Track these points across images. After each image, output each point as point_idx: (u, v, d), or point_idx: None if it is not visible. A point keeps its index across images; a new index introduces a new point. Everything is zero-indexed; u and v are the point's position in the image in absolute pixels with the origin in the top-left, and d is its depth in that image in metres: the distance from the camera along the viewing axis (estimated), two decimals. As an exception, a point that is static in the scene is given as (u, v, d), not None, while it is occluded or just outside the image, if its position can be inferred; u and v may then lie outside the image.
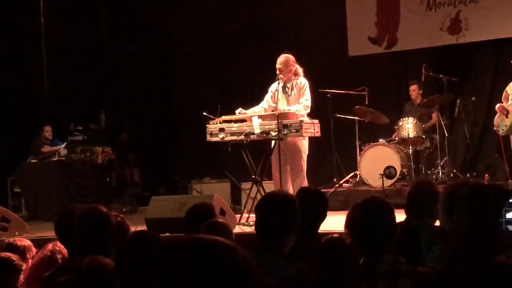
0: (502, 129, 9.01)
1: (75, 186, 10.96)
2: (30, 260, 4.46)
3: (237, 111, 8.45)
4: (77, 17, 13.15)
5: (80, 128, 12.27)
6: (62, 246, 4.14)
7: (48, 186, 10.88)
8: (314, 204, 4.31)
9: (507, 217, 2.33)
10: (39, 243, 5.35)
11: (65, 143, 11.49)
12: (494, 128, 8.96)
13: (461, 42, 11.17)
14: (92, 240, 3.69)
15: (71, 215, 4.08)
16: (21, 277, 4.14)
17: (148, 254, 3.10)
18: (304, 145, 8.30)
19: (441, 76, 10.13)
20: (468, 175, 9.92)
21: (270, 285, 2.90)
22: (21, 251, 4.45)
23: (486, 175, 9.89)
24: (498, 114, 9.01)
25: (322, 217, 4.38)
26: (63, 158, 11.14)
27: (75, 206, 4.37)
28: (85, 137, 11.99)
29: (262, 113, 8.47)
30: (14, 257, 4.21)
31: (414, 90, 10.59)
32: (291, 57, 8.45)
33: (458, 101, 10.20)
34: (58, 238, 4.34)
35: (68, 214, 4.17)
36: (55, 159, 11.13)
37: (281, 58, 8.43)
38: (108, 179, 11.95)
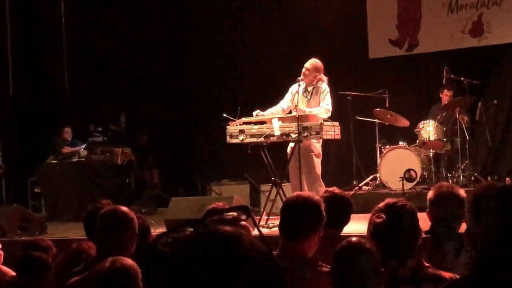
0: None
1: (94, 187, 11.01)
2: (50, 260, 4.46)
3: (254, 113, 8.44)
4: (97, 18, 13.21)
5: (100, 129, 12.31)
6: (87, 246, 4.14)
7: (68, 187, 10.93)
8: (339, 208, 4.28)
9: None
10: (59, 244, 5.37)
11: (85, 144, 11.54)
12: None
13: (483, 44, 11.08)
14: (112, 240, 3.68)
15: (99, 211, 4.09)
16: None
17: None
18: (316, 147, 8.27)
19: (462, 79, 10.04)
20: (489, 178, 9.83)
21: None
22: (44, 251, 4.46)
23: (507, 178, 9.79)
24: None
25: (346, 221, 4.36)
26: (83, 159, 11.19)
27: (102, 202, 4.36)
28: (105, 138, 12.05)
29: (280, 113, 8.45)
30: (44, 255, 4.22)
31: (447, 96, 10.28)
32: (320, 64, 8.43)
33: (479, 104, 10.11)
34: (86, 234, 4.34)
35: (97, 210, 4.17)
36: (75, 160, 11.19)
37: (311, 61, 8.42)
38: (127, 180, 11.98)
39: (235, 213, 3.47)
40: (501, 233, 2.22)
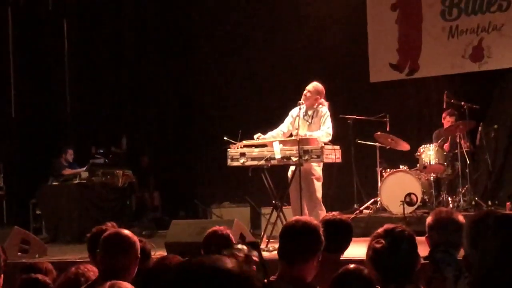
0: None
1: (95, 209, 11.01)
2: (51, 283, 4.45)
3: (255, 136, 8.47)
4: (99, 41, 13.29)
5: (102, 151, 12.34)
6: (86, 269, 4.14)
7: (69, 209, 10.94)
8: (340, 233, 4.30)
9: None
10: (59, 267, 5.36)
11: (86, 166, 11.56)
12: None
13: (483, 69, 11.13)
14: (114, 263, 3.68)
15: (102, 234, 4.09)
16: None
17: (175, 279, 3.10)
18: (316, 170, 8.28)
19: (463, 103, 10.08)
20: (489, 203, 9.83)
21: None
22: (44, 273, 4.45)
23: (508, 203, 9.80)
24: None
25: (347, 246, 4.36)
26: (84, 181, 11.21)
27: (108, 224, 4.37)
28: (106, 160, 12.07)
29: (280, 136, 8.48)
30: (46, 278, 4.22)
31: (449, 122, 10.15)
32: (322, 88, 8.47)
33: (480, 128, 10.13)
34: (90, 257, 4.34)
35: (101, 233, 4.17)
36: (76, 181, 11.20)
37: (314, 84, 8.46)
38: (128, 203, 11.99)
39: (244, 247, 3.47)
40: (499, 261, 2.23)
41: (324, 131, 8.29)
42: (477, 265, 2.32)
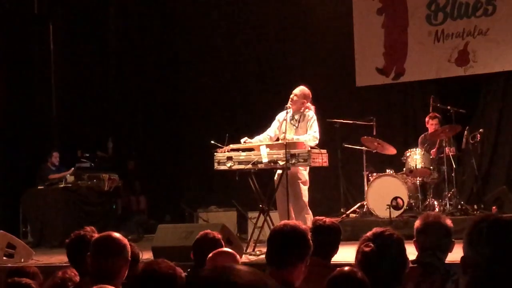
0: None
1: (81, 213, 10.97)
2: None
3: (242, 140, 8.46)
4: (85, 45, 13.24)
5: (87, 155, 12.30)
6: (73, 273, 4.12)
7: (54, 213, 10.90)
8: (328, 237, 4.30)
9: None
10: (45, 271, 5.33)
11: (72, 170, 11.52)
12: None
13: (469, 73, 11.19)
14: (105, 267, 3.66)
15: (83, 238, 4.06)
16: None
17: (164, 284, 3.09)
18: (303, 174, 8.28)
19: (448, 107, 10.12)
20: (475, 207, 9.87)
21: None
22: (30, 277, 4.42)
23: (494, 207, 9.85)
24: None
25: (335, 250, 4.36)
26: (70, 185, 11.17)
27: (86, 229, 4.35)
28: (92, 164, 12.04)
29: (267, 141, 8.47)
30: (32, 283, 4.19)
31: (436, 124, 10.19)
32: (308, 92, 8.47)
33: (465, 132, 10.18)
34: (69, 261, 4.32)
35: (80, 237, 4.15)
36: (61, 185, 11.17)
37: (300, 88, 8.45)
38: (114, 207, 11.95)
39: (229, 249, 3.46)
40: (492, 265, 2.24)
41: (311, 135, 8.29)
42: (472, 267, 2.33)
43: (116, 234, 3.84)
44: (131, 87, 13.37)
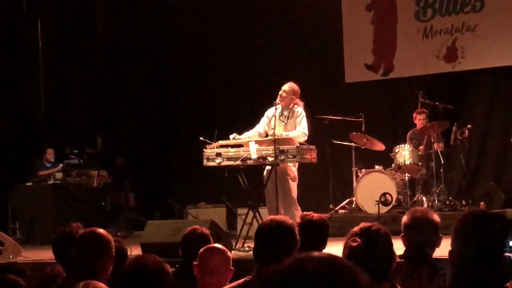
0: None
1: (70, 210, 10.93)
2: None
3: (231, 136, 8.46)
4: (74, 41, 13.20)
5: (76, 151, 12.26)
6: (61, 270, 4.11)
7: (43, 210, 10.85)
8: (317, 232, 4.30)
9: (510, 245, 2.34)
10: (34, 267, 5.32)
11: (60, 165, 11.49)
12: None
13: (457, 70, 11.23)
14: (90, 263, 3.66)
15: (69, 235, 4.06)
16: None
17: (152, 279, 3.10)
18: (292, 170, 8.29)
19: (437, 103, 10.16)
20: (463, 202, 9.92)
21: None
22: (18, 274, 4.41)
23: (482, 203, 9.89)
24: None
25: (324, 245, 4.37)
26: (59, 182, 11.14)
27: (72, 225, 4.35)
28: (81, 161, 12.00)
29: (257, 137, 8.48)
30: (19, 279, 4.18)
31: (423, 119, 10.28)
32: (297, 88, 8.48)
33: (454, 128, 10.21)
34: (56, 258, 4.31)
35: (66, 234, 4.15)
36: (50, 182, 11.13)
37: (289, 84, 8.47)
38: (103, 203, 11.92)
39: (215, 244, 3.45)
40: (477, 258, 2.26)
41: (300, 131, 8.30)
42: (459, 260, 2.35)
43: (101, 230, 3.84)
44: (120, 84, 13.32)
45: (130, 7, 13.46)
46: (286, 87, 8.45)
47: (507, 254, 2.33)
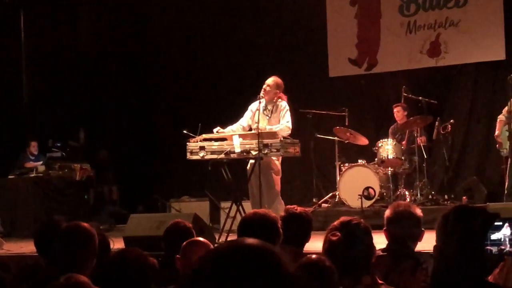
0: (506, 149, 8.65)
1: (52, 203, 10.89)
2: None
3: (215, 130, 8.46)
4: (57, 34, 13.12)
5: (59, 144, 12.20)
6: (43, 263, 4.10)
7: (26, 203, 10.80)
8: (300, 225, 4.31)
9: (492, 238, 2.35)
10: (16, 260, 5.30)
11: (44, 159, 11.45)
12: (497, 146, 8.70)
13: (440, 65, 11.28)
14: (73, 256, 3.66)
15: (51, 228, 4.05)
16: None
17: (135, 273, 3.09)
18: (275, 164, 8.31)
19: (420, 98, 10.20)
20: (446, 197, 9.97)
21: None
22: (3, 269, 4.39)
23: (464, 197, 9.95)
24: (499, 133, 8.66)
25: (307, 238, 4.38)
26: (41, 175, 11.08)
27: (55, 219, 4.35)
28: (64, 154, 11.93)
29: (240, 131, 8.48)
30: (1, 272, 4.16)
31: (399, 112, 10.48)
32: (281, 82, 8.49)
33: (437, 123, 10.26)
34: (37, 251, 4.30)
35: (49, 227, 4.13)
36: (32, 175, 11.07)
37: (273, 78, 8.48)
38: (86, 197, 11.87)
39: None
40: (459, 251, 2.28)
41: (283, 125, 8.31)
42: (439, 254, 2.37)
43: (84, 224, 3.84)
44: (103, 76, 13.26)
45: (113, 1, 13.40)
46: (270, 81, 8.46)
47: (488, 247, 2.35)
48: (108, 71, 13.32)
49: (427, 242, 3.51)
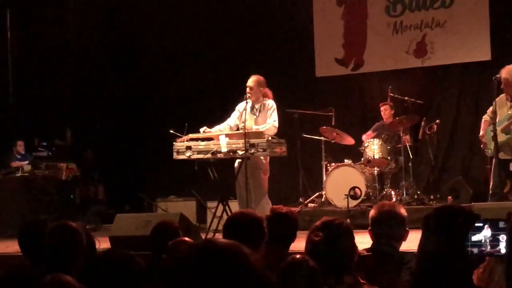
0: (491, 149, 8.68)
1: (38, 203, 10.84)
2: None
3: (201, 130, 8.45)
4: (44, 32, 13.07)
5: (45, 144, 12.15)
6: (28, 263, 4.10)
7: (11, 202, 10.75)
8: (286, 225, 4.32)
9: (472, 239, 2.37)
10: (2, 260, 5.28)
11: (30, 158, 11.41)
12: (482, 147, 8.74)
13: (426, 65, 11.33)
14: (60, 256, 3.65)
15: (35, 228, 4.04)
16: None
17: (121, 273, 3.09)
18: (263, 163, 8.32)
19: (406, 98, 10.25)
20: (431, 197, 10.01)
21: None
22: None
23: (450, 197, 10.00)
24: (484, 133, 8.68)
25: (293, 238, 4.39)
26: (27, 174, 11.04)
27: (39, 218, 4.34)
28: (50, 153, 11.89)
29: (227, 131, 8.48)
30: None
31: (386, 110, 10.57)
32: (262, 78, 8.49)
33: (422, 123, 10.32)
34: (22, 251, 4.29)
35: (33, 227, 4.12)
36: (18, 174, 11.02)
37: (253, 78, 8.46)
38: (72, 196, 11.83)
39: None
40: (439, 251, 2.30)
41: (270, 124, 8.32)
42: (420, 254, 2.39)
43: (72, 224, 3.84)
44: (89, 76, 13.23)
45: (101, 0, 13.36)
46: (251, 82, 8.43)
47: (469, 249, 2.36)
48: (95, 71, 13.29)
49: (412, 242, 3.52)
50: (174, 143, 8.31)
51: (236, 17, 12.54)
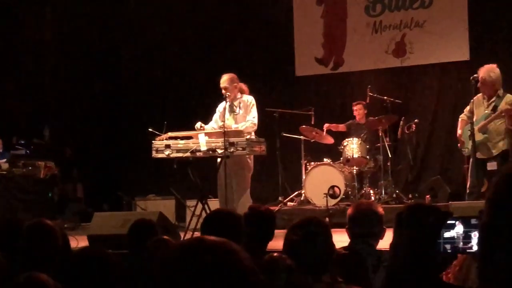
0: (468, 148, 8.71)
1: (16, 201, 10.76)
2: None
3: (197, 125, 8.42)
4: (22, 30, 12.98)
5: (23, 142, 12.07)
6: (4, 260, 4.07)
7: (-12, 201, 10.66)
8: (264, 224, 4.33)
9: (445, 236, 2.38)
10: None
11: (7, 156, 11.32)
12: (459, 146, 8.77)
13: (405, 65, 11.39)
14: (36, 255, 3.64)
15: (12, 226, 4.01)
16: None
17: (97, 271, 3.08)
18: (248, 162, 8.32)
19: (385, 98, 10.30)
20: (410, 196, 10.07)
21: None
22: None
23: (428, 196, 10.05)
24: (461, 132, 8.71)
25: (271, 237, 4.40)
26: (5, 172, 10.94)
27: (17, 218, 4.32)
28: (28, 151, 11.81)
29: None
30: None
31: (360, 109, 10.67)
32: (233, 75, 8.48)
33: (401, 122, 10.37)
34: None
35: (9, 225, 4.10)
36: (-5, 173, 10.93)
37: (225, 77, 8.45)
38: (50, 194, 11.75)
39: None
40: (411, 249, 2.31)
41: (249, 121, 8.32)
42: (392, 253, 2.40)
43: (48, 221, 3.82)
44: (68, 74, 13.15)
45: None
46: (224, 82, 8.39)
47: (442, 245, 2.38)
48: (74, 69, 13.21)
49: (389, 240, 3.55)
50: (153, 141, 8.29)
51: (215, 16, 12.52)
